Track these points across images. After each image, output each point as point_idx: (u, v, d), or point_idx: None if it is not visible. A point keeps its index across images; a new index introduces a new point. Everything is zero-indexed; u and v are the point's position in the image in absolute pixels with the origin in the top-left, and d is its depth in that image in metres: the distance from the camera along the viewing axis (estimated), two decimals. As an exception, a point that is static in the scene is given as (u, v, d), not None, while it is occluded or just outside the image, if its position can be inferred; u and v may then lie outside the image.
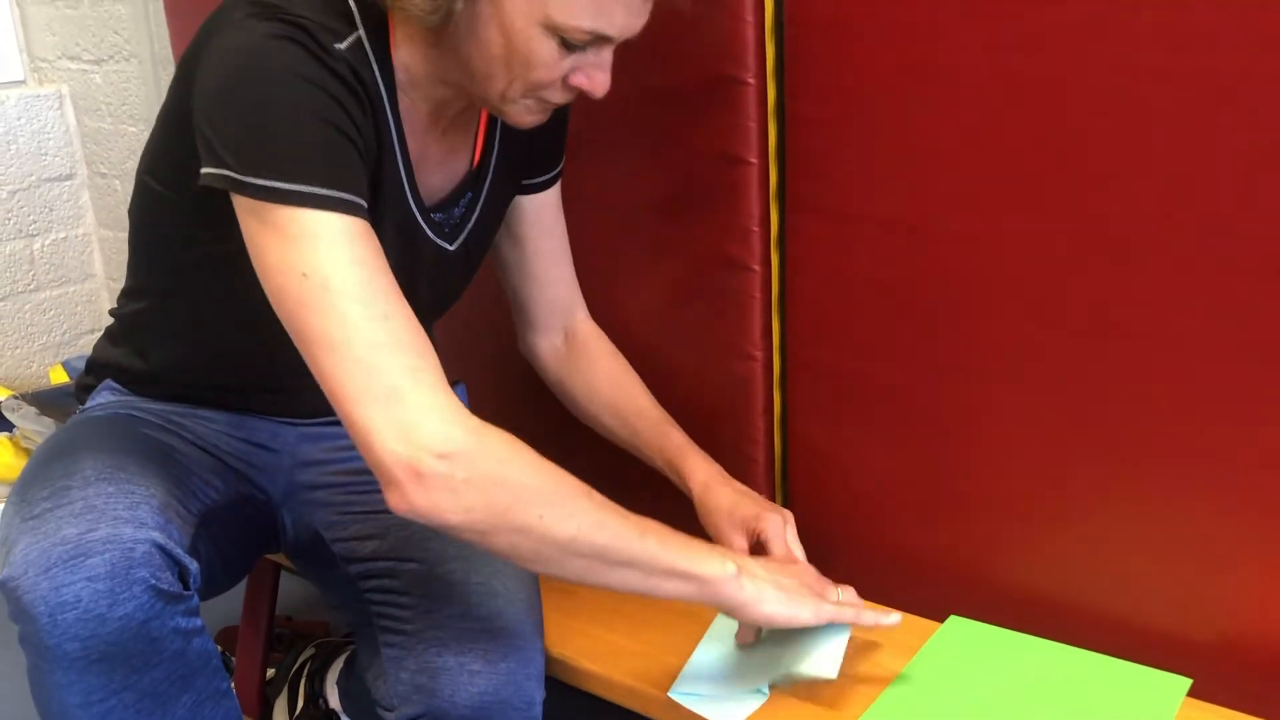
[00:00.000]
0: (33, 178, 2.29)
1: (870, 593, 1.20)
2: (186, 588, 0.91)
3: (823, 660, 1.00)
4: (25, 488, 0.95)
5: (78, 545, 0.86)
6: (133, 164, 2.24)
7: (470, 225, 1.11)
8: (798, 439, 1.24)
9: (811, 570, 1.06)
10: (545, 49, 0.91)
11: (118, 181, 2.30)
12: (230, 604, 1.32)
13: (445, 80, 0.98)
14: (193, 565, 0.91)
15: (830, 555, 1.19)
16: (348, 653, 1.35)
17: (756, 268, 1.19)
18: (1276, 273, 0.91)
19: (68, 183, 2.35)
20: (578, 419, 1.26)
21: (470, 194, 1.10)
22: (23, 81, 2.33)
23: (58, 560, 0.85)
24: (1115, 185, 0.97)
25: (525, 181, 1.18)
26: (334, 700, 1.29)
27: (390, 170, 0.99)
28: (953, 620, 1.14)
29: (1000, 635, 1.11)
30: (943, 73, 1.03)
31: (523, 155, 1.14)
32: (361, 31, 0.93)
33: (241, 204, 0.86)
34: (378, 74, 0.95)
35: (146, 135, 2.26)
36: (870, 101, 1.08)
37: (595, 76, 0.95)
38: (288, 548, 1.21)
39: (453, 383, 1.34)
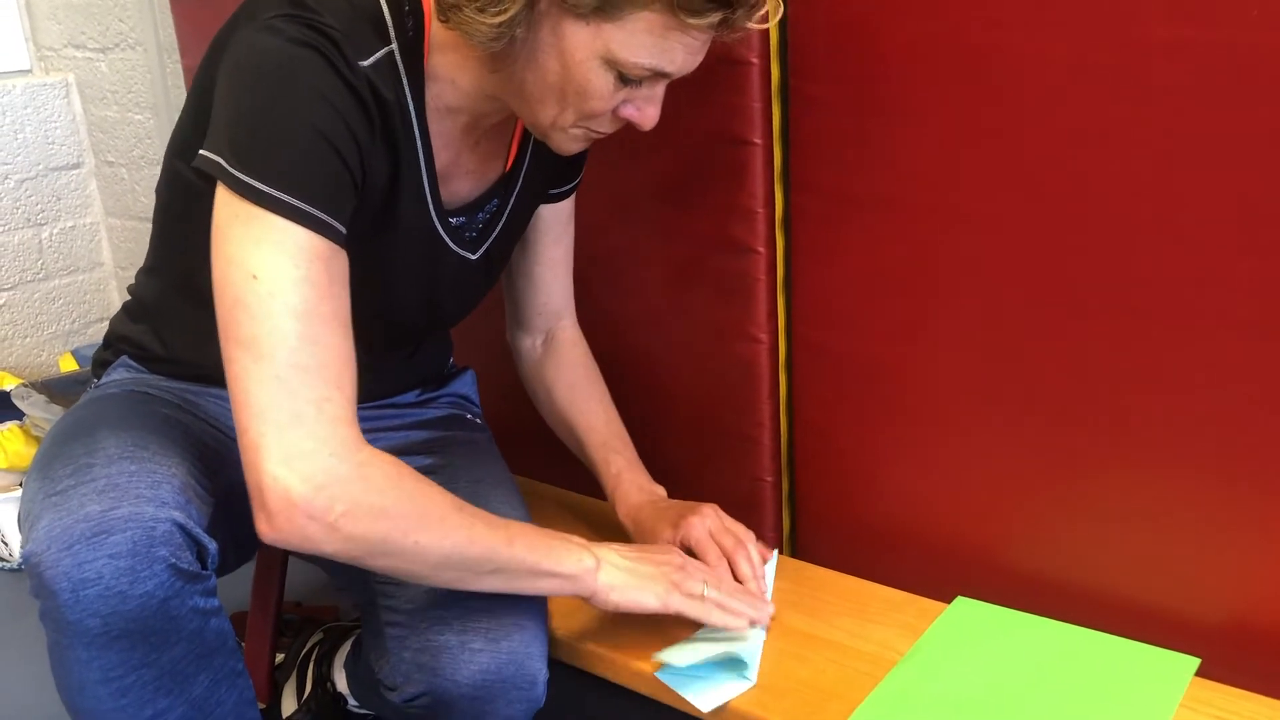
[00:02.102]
0: (40, 166, 2.29)
1: (876, 573, 1.20)
2: (205, 567, 0.92)
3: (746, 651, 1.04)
4: (47, 464, 0.96)
5: (100, 522, 0.86)
6: (140, 152, 2.24)
7: (495, 233, 1.12)
8: (803, 421, 1.24)
9: (686, 562, 1.06)
10: (602, 81, 0.91)
11: (125, 170, 2.30)
12: (239, 589, 1.33)
13: (491, 95, 0.99)
14: (212, 545, 0.92)
15: (835, 536, 1.19)
16: (355, 636, 1.36)
17: (761, 249, 1.19)
18: (1284, 249, 0.91)
19: (75, 171, 2.35)
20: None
21: (497, 200, 1.11)
22: (29, 70, 2.33)
23: (80, 537, 0.86)
24: (1119, 163, 0.96)
25: (551, 190, 1.19)
26: (341, 684, 1.30)
27: (410, 182, 1.00)
28: (959, 601, 1.14)
29: (1007, 616, 1.11)
30: (947, 52, 1.02)
31: (551, 165, 1.15)
32: (395, 45, 0.94)
33: (222, 192, 0.88)
34: (407, 87, 0.96)
35: (153, 123, 2.26)
36: (875, 82, 1.07)
37: (646, 110, 0.96)
38: None
39: (461, 369, 1.35)
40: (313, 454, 0.84)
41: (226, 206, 0.88)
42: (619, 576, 1.00)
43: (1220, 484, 0.99)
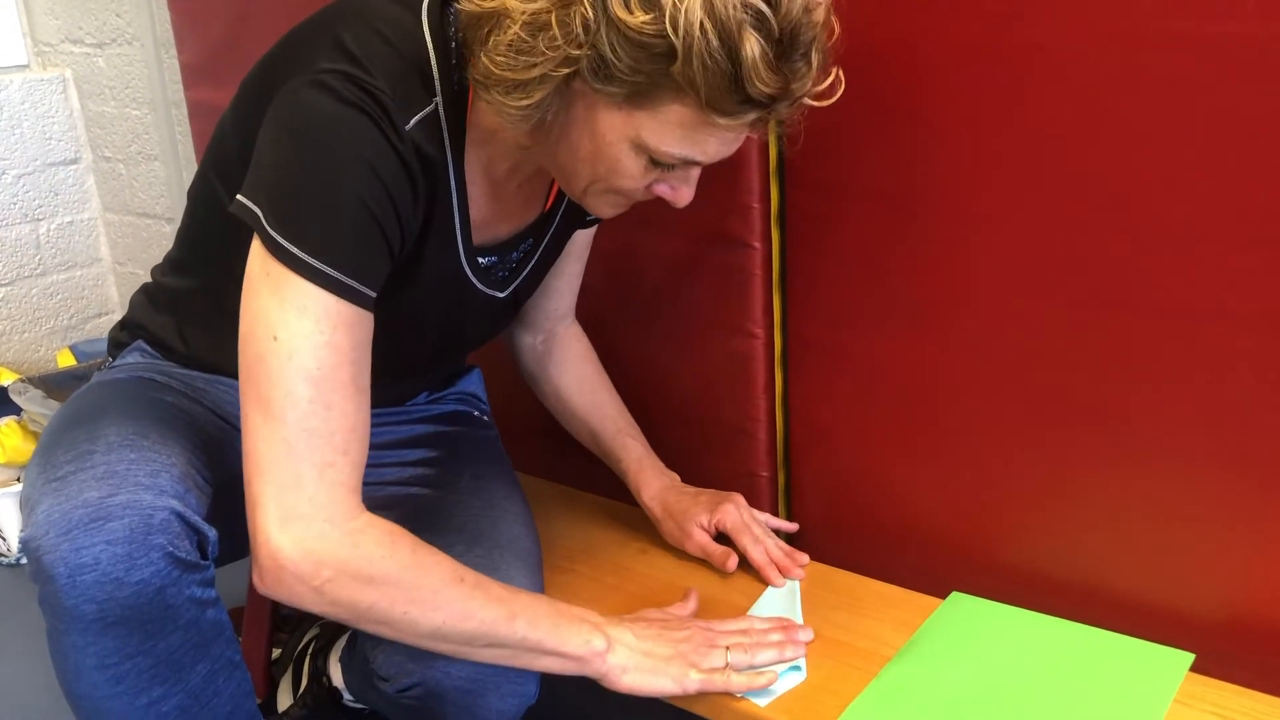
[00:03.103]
0: (38, 162, 2.29)
1: (872, 569, 1.20)
2: (204, 557, 0.92)
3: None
4: (50, 449, 0.97)
5: (98, 509, 0.87)
6: (137, 147, 2.24)
7: (526, 272, 1.13)
8: (798, 416, 1.24)
9: (710, 631, 1.05)
10: (632, 163, 0.91)
11: (122, 165, 2.30)
12: (237, 584, 1.33)
13: (529, 147, 0.98)
14: (211, 533, 0.93)
15: (831, 532, 1.19)
16: (351, 630, 1.36)
17: (757, 245, 1.19)
18: None
19: (73, 167, 2.35)
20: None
21: (532, 240, 1.11)
22: (26, 66, 2.33)
23: (78, 523, 0.86)
24: (1116, 156, 0.96)
25: (587, 218, 1.20)
26: (337, 678, 1.30)
27: (441, 229, 1.00)
28: (954, 596, 1.14)
29: (1002, 611, 1.11)
30: (945, 45, 1.02)
31: None
32: (440, 98, 0.93)
33: (257, 244, 0.89)
34: (447, 139, 0.95)
35: (150, 118, 2.25)
36: (871, 75, 1.07)
37: (680, 191, 0.96)
38: None
39: (468, 369, 1.35)
40: (307, 518, 0.87)
41: (260, 260, 0.89)
42: (632, 659, 0.99)
43: (1216, 480, 0.99)
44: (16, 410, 1.98)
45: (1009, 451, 1.09)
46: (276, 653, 1.43)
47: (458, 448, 1.22)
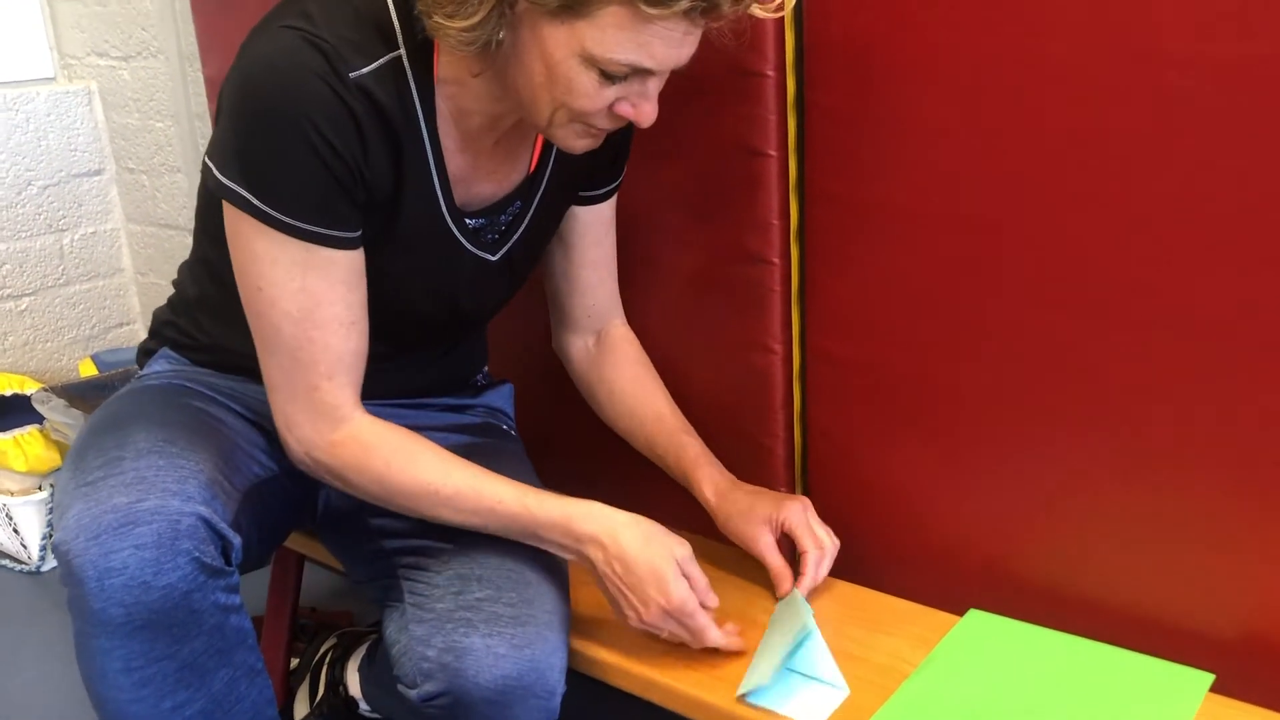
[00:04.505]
0: (62, 173, 2.31)
1: (889, 585, 1.20)
2: (228, 563, 0.95)
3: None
4: (81, 455, 1.00)
5: (127, 514, 0.90)
6: (160, 159, 2.26)
7: (517, 235, 1.13)
8: (817, 431, 1.24)
9: (658, 613, 1.03)
10: (586, 80, 0.92)
11: (145, 176, 2.32)
12: (255, 594, 1.34)
13: (499, 98, 1.00)
14: (236, 539, 0.95)
15: (849, 548, 1.19)
16: (370, 640, 1.37)
17: (776, 260, 1.19)
18: (1301, 264, 0.90)
19: (97, 178, 2.37)
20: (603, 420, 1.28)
21: (520, 202, 1.12)
22: (52, 78, 2.35)
23: (107, 527, 0.89)
24: (1134, 174, 0.96)
25: (582, 193, 1.19)
26: (354, 687, 1.31)
27: (416, 184, 1.01)
28: (972, 614, 1.14)
29: (1020, 629, 1.10)
30: (962, 62, 1.03)
31: (582, 167, 1.15)
32: (402, 50, 0.96)
33: (226, 201, 0.97)
34: (414, 91, 0.98)
35: (174, 130, 2.27)
36: (890, 93, 1.08)
37: (641, 107, 0.96)
38: (321, 520, 1.23)
39: (498, 382, 1.36)
40: (300, 427, 1.03)
41: (231, 216, 0.97)
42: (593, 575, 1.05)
43: (1235, 498, 0.98)
44: (39, 419, 2.00)
45: (1027, 468, 1.09)
46: (294, 662, 1.43)
47: (484, 457, 1.23)
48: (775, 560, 1.15)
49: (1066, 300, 1.02)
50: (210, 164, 0.98)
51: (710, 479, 1.18)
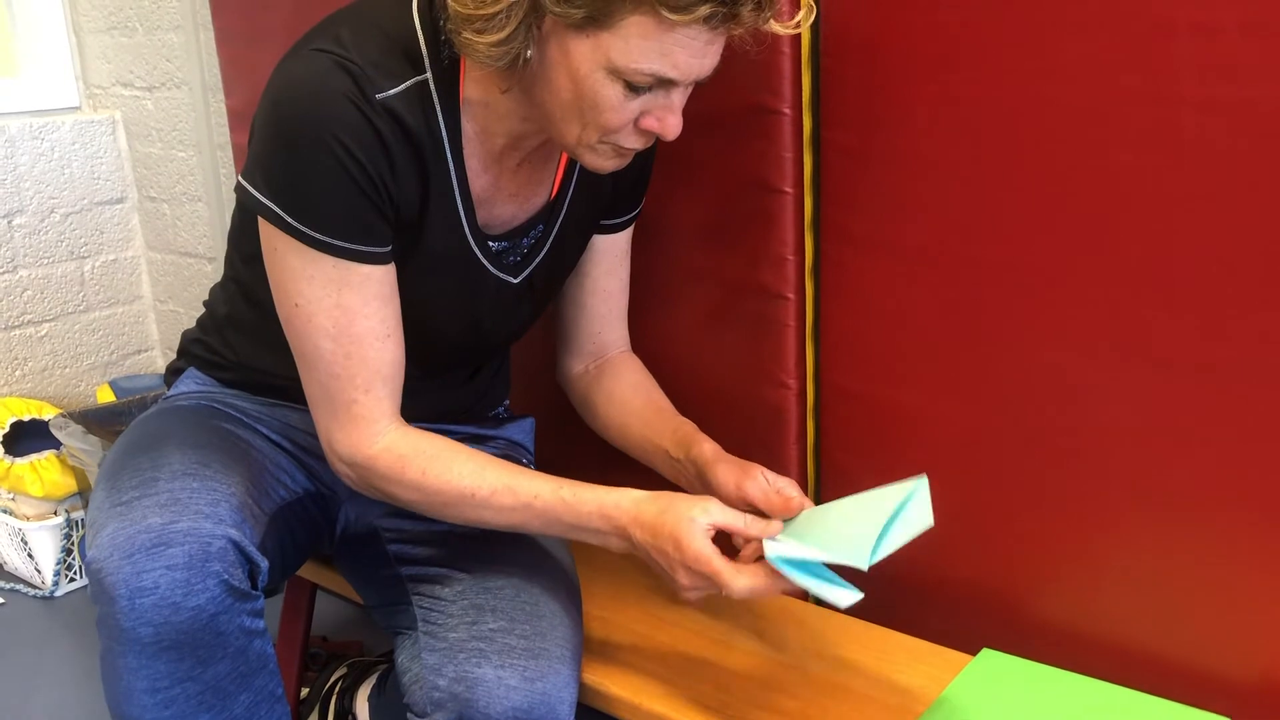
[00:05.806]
0: (85, 201, 2.34)
1: (901, 622, 1.19)
2: (255, 587, 0.96)
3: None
4: (115, 474, 1.01)
5: (160, 534, 0.91)
6: (182, 188, 2.29)
7: (539, 259, 1.14)
8: (831, 467, 1.24)
9: (689, 576, 0.97)
10: (611, 92, 0.93)
11: (166, 205, 2.34)
12: (267, 623, 1.34)
13: (525, 117, 1.01)
14: (263, 563, 0.97)
15: (861, 585, 1.18)
16: (380, 671, 1.36)
17: (791, 296, 1.19)
18: (1316, 306, 0.90)
19: (119, 206, 2.40)
20: (606, 440, 1.26)
21: (542, 226, 1.13)
22: (78, 108, 2.38)
23: (141, 547, 0.91)
24: (1148, 216, 0.96)
25: (604, 221, 1.20)
26: (363, 717, 1.30)
27: (441, 204, 1.03)
28: (985, 653, 1.13)
29: (1033, 669, 1.10)
30: (977, 103, 1.03)
31: (605, 193, 1.16)
32: (429, 74, 0.98)
33: (261, 219, 0.99)
34: (440, 114, 1.00)
35: (195, 160, 2.29)
36: (905, 132, 1.09)
37: (666, 119, 0.97)
38: (338, 542, 1.23)
39: (521, 416, 1.36)
40: (341, 440, 1.04)
41: (267, 233, 0.99)
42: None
43: (1252, 540, 0.98)
44: (56, 444, 2.01)
45: (1040, 507, 1.09)
46: (304, 691, 1.43)
47: None
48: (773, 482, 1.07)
49: (1082, 340, 1.03)
50: (245, 182, 0.99)
51: (710, 443, 1.13)
